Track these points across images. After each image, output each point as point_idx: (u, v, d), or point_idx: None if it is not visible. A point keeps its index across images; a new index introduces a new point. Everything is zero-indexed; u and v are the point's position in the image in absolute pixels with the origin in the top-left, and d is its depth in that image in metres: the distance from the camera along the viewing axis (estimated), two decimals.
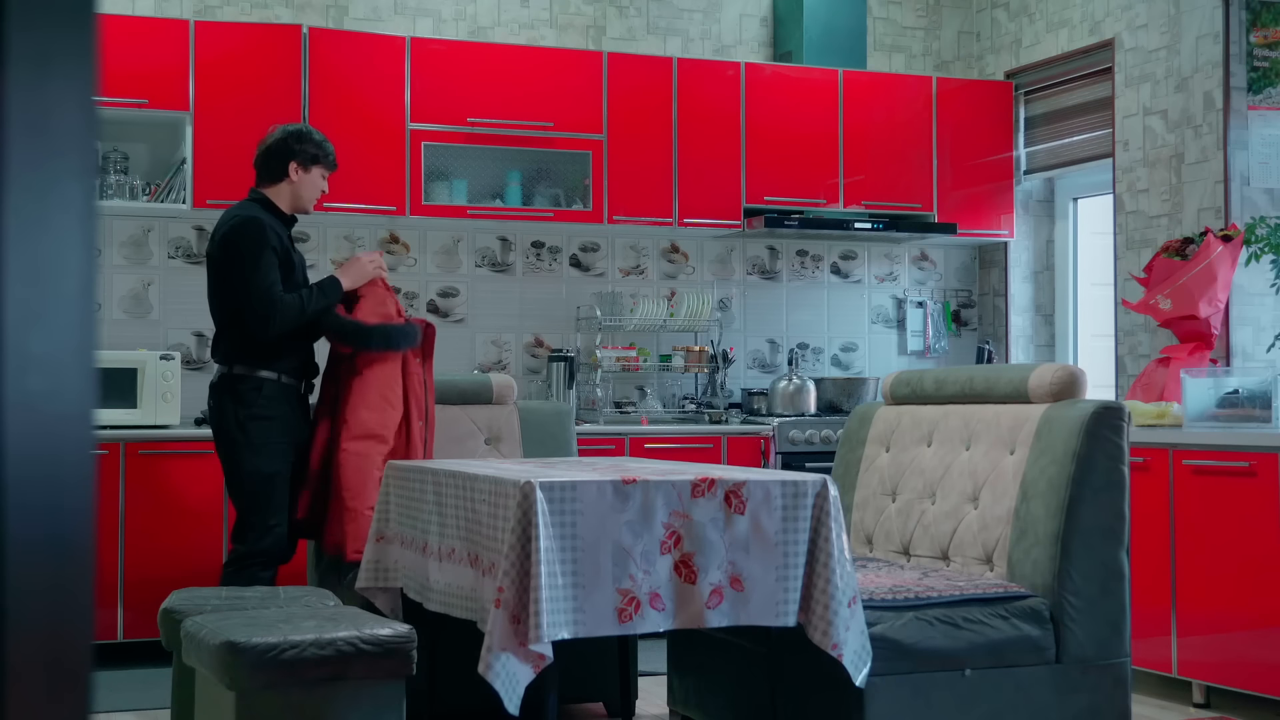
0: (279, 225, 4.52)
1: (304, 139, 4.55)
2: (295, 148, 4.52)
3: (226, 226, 4.46)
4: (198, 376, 5.86)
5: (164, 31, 5.59)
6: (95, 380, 0.90)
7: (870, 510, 4.19)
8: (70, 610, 0.88)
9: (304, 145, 4.53)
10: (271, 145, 4.55)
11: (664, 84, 6.21)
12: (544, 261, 6.41)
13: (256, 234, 4.38)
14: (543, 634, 3.01)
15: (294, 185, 4.54)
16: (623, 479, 3.18)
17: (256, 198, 4.55)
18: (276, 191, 4.55)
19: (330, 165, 4.61)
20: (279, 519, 4.43)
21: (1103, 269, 6.35)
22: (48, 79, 0.86)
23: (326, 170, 4.60)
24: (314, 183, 4.57)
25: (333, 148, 4.63)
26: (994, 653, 3.47)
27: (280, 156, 4.53)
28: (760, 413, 6.36)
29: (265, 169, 4.55)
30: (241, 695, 3.10)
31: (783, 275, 6.76)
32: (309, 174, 4.55)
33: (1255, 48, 5.50)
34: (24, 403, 0.85)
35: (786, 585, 3.23)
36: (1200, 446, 4.58)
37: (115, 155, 5.70)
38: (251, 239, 4.39)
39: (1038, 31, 6.62)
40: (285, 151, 4.52)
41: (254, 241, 4.38)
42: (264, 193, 4.55)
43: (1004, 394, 3.91)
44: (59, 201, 0.87)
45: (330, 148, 4.61)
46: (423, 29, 6.27)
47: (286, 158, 4.52)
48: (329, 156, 4.59)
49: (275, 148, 4.54)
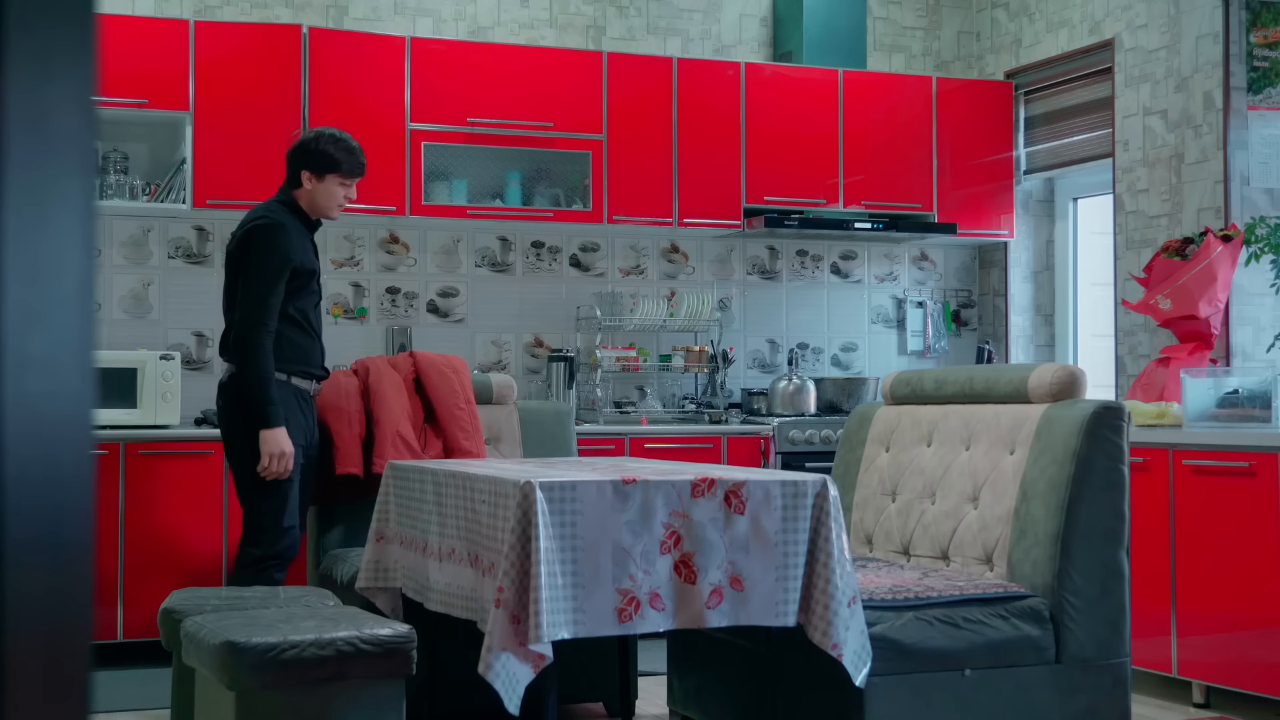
0: (301, 228, 4.45)
1: (319, 146, 4.44)
2: (308, 155, 4.44)
3: (247, 227, 4.40)
4: (198, 376, 5.86)
5: (164, 31, 5.59)
6: (94, 380, 0.90)
7: (870, 510, 4.19)
8: (69, 610, 0.88)
9: (318, 153, 4.43)
10: (290, 150, 4.49)
11: (664, 84, 6.21)
12: (544, 261, 6.41)
13: (269, 241, 4.32)
14: (542, 634, 3.01)
15: (309, 193, 4.47)
16: (623, 479, 3.18)
17: (284, 199, 4.49)
18: (299, 195, 4.48)
19: (350, 172, 4.47)
20: (293, 520, 4.40)
21: (1103, 269, 6.35)
22: (47, 79, 0.86)
23: (346, 178, 4.47)
24: (329, 191, 4.46)
25: (356, 154, 4.49)
26: (994, 653, 3.47)
27: (294, 163, 4.47)
28: (760, 413, 6.36)
29: (289, 175, 4.49)
30: (241, 695, 3.10)
31: (783, 275, 6.76)
32: (323, 182, 4.45)
33: (1255, 48, 5.50)
34: (23, 403, 0.85)
35: (786, 585, 3.23)
36: (1200, 446, 4.58)
37: (115, 155, 5.70)
38: (262, 246, 4.32)
39: (1038, 31, 6.62)
40: (298, 158, 4.46)
41: (264, 249, 4.31)
42: (291, 194, 4.49)
43: (1004, 394, 3.91)
44: (58, 201, 0.87)
45: (350, 155, 4.47)
46: (423, 29, 6.27)
47: (299, 165, 4.46)
48: (345, 164, 4.45)
49: (292, 153, 4.48)
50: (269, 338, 4.29)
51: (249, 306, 4.30)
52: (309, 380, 4.50)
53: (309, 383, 4.50)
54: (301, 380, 4.46)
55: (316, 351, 4.53)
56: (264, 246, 4.32)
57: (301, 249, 4.41)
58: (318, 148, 4.45)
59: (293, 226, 4.40)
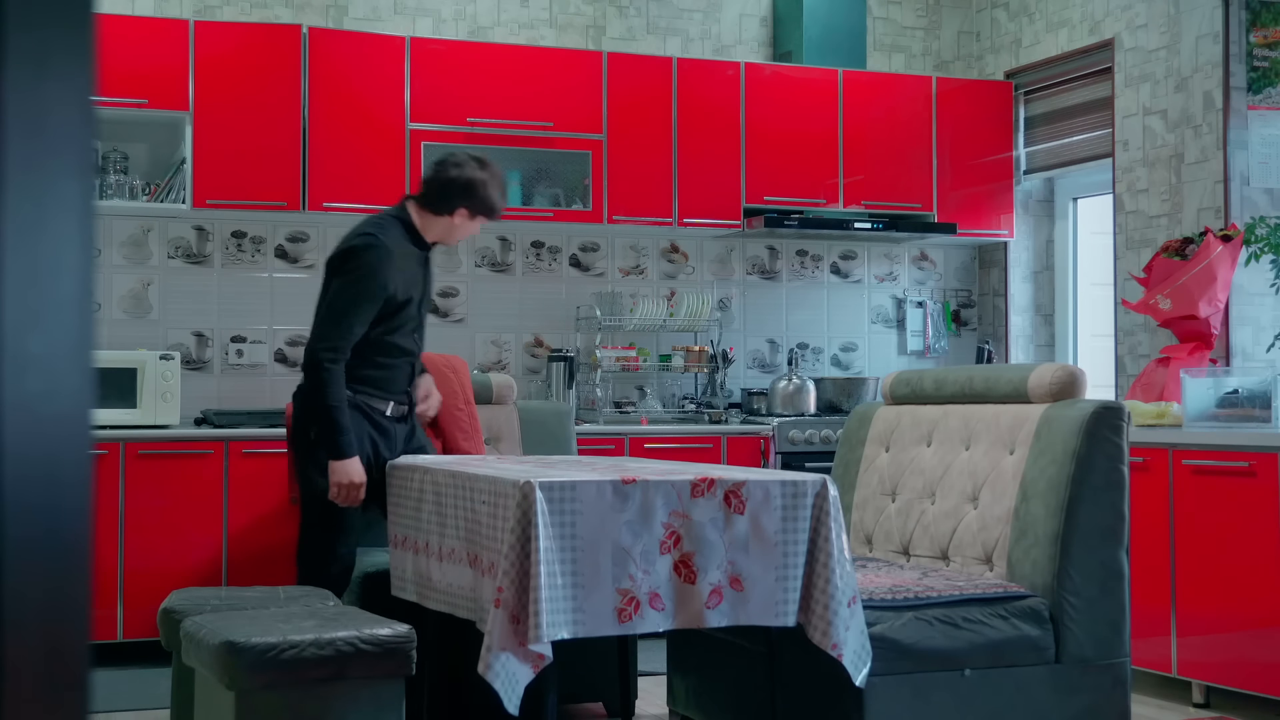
0: (410, 251, 4.16)
1: (486, 191, 4.17)
2: (474, 196, 4.15)
3: (352, 241, 4.11)
4: (197, 376, 5.86)
5: (164, 31, 5.59)
6: (93, 380, 0.90)
7: (870, 510, 4.19)
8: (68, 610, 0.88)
9: (482, 197, 4.16)
10: (451, 180, 4.16)
11: (664, 84, 6.21)
12: (544, 261, 6.41)
13: (367, 266, 4.03)
14: (542, 634, 3.01)
15: (452, 226, 4.19)
16: (622, 479, 3.18)
17: (402, 215, 4.19)
18: (428, 220, 4.19)
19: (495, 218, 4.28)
20: (348, 546, 4.16)
21: (1103, 269, 6.35)
22: (46, 79, 0.86)
23: (488, 220, 4.29)
24: (470, 229, 4.24)
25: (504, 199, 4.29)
26: (993, 653, 3.47)
27: (455, 196, 4.16)
28: (760, 413, 6.36)
29: (432, 195, 4.18)
30: (241, 695, 3.10)
31: (782, 275, 6.76)
32: (472, 222, 4.21)
33: (1255, 48, 5.50)
34: (22, 403, 0.85)
35: (786, 585, 3.23)
36: (1200, 446, 4.58)
37: (115, 155, 5.70)
38: (358, 268, 4.04)
39: (1038, 31, 6.62)
40: (462, 194, 4.15)
41: (360, 272, 4.03)
42: (414, 213, 4.20)
43: (1004, 394, 3.91)
44: (57, 201, 0.87)
45: (503, 203, 4.27)
46: (422, 29, 6.27)
47: (459, 200, 4.16)
48: (497, 212, 4.25)
49: (454, 185, 4.15)
50: (339, 364, 4.02)
51: (326, 326, 4.04)
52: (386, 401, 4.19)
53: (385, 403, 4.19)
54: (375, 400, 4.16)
55: (401, 377, 4.22)
56: (360, 269, 4.03)
57: (405, 277, 4.12)
58: (488, 194, 4.18)
59: (401, 251, 4.11)
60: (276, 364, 6.00)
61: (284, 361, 6.00)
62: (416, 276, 4.20)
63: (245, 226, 5.98)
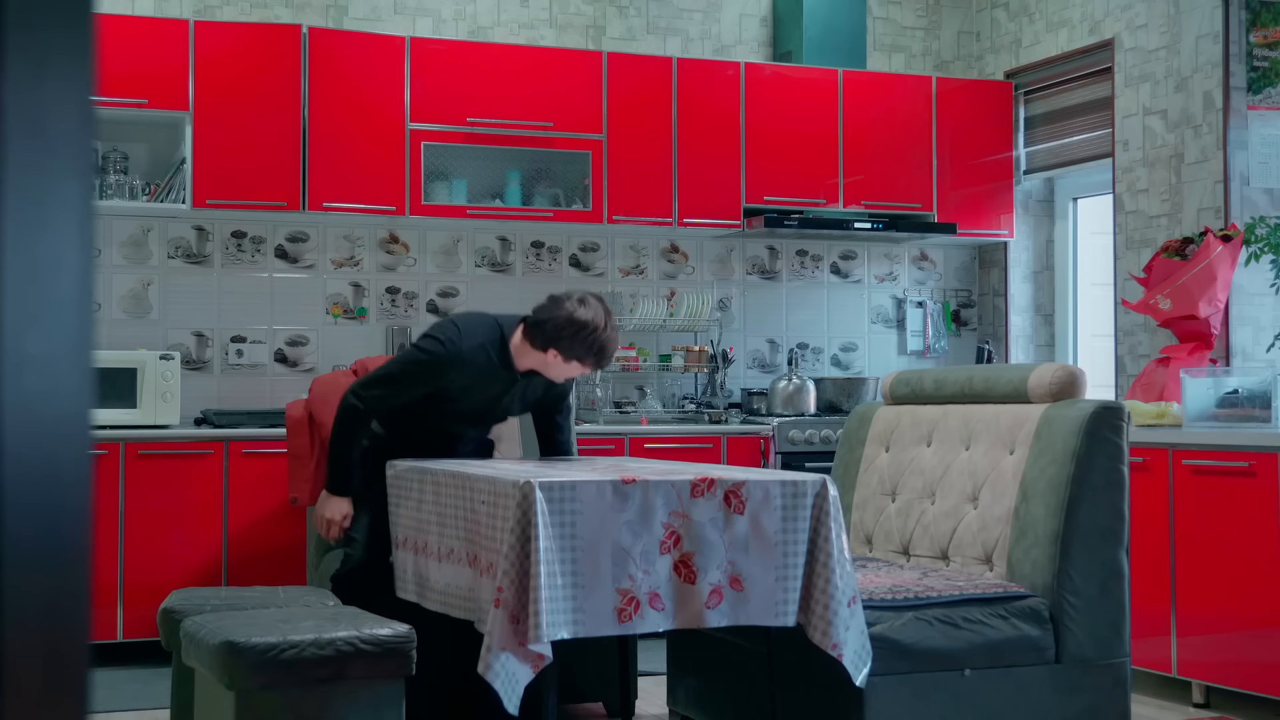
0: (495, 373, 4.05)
1: (578, 335, 3.92)
2: (564, 340, 3.93)
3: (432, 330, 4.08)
4: (197, 376, 5.86)
5: (164, 31, 5.59)
6: (93, 380, 0.90)
7: (870, 510, 4.19)
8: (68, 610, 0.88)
9: (574, 342, 3.93)
10: (550, 320, 3.94)
11: (664, 84, 6.21)
12: (544, 261, 6.41)
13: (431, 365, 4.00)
14: (542, 634, 3.01)
15: (546, 362, 4.01)
16: (622, 479, 3.18)
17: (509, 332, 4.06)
18: (525, 349, 4.02)
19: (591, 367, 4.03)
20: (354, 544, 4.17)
21: (1103, 269, 6.35)
22: (45, 79, 0.86)
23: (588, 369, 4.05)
24: (572, 369, 4.02)
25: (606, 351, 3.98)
26: (993, 653, 3.47)
27: (548, 336, 3.95)
28: (760, 413, 6.36)
29: (534, 326, 3.99)
30: (241, 695, 3.10)
31: (782, 275, 6.76)
32: (566, 365, 3.99)
33: (1255, 48, 5.50)
34: (22, 403, 0.85)
35: (786, 585, 3.23)
36: (1200, 446, 4.58)
37: (115, 155, 5.70)
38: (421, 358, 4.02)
39: (1037, 31, 6.62)
40: (554, 336, 3.94)
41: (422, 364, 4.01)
42: (517, 335, 4.04)
43: (1003, 394, 3.91)
44: (56, 201, 0.87)
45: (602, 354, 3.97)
46: (422, 29, 6.27)
47: (550, 342, 3.95)
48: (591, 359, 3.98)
49: (551, 325, 3.94)
50: (364, 415, 4.07)
51: (370, 378, 4.08)
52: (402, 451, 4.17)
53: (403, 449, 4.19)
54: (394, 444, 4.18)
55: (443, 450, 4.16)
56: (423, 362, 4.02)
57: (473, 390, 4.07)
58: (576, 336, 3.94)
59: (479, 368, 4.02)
60: (276, 364, 6.00)
61: (284, 361, 6.00)
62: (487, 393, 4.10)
63: (245, 226, 5.98)
